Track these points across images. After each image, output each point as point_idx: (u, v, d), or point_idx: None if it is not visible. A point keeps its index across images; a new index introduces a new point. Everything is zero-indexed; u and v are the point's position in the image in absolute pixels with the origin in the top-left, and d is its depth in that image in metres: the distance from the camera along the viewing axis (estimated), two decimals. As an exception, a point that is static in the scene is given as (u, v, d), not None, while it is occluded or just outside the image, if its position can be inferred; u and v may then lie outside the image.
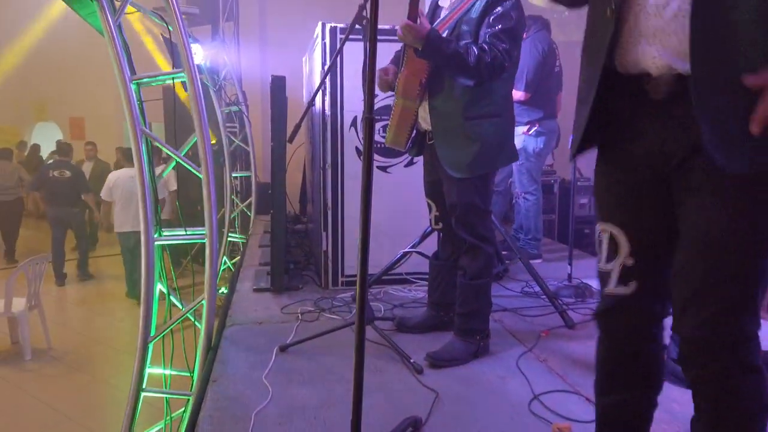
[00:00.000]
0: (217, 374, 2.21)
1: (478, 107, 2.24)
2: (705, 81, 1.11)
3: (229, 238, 6.02)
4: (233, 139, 6.06)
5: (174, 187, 6.23)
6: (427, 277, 2.86)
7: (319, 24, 3.26)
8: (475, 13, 2.17)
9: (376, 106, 3.25)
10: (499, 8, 2.14)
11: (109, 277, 7.50)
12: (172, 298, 2.72)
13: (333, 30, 3.17)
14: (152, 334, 2.56)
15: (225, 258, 6.03)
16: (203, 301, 2.60)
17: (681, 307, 1.20)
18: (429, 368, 2.25)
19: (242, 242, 5.99)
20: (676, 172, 1.20)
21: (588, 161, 1.48)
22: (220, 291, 5.82)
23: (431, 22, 2.39)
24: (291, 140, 2.51)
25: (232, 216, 6.08)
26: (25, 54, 10.52)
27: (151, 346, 2.57)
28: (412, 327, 2.66)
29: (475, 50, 2.08)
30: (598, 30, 1.28)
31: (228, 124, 6.13)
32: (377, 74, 2.41)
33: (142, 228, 2.55)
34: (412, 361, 2.26)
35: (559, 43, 4.09)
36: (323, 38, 3.21)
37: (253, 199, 6.13)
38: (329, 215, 3.31)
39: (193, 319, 2.72)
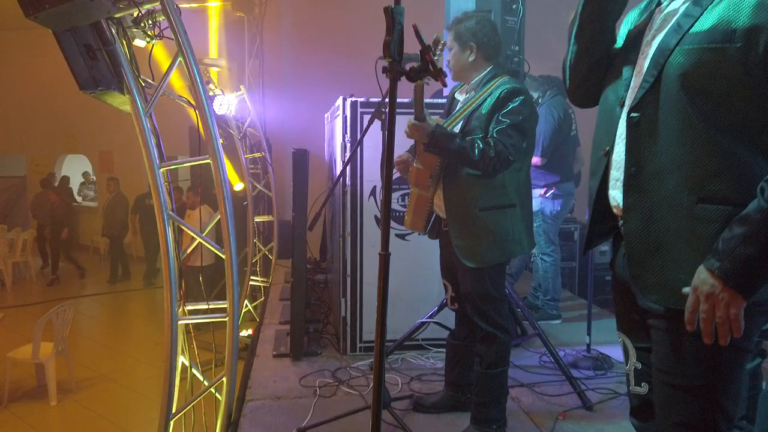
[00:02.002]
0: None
1: (490, 198, 2.28)
2: (633, 236, 1.27)
3: (251, 282, 6.12)
4: (256, 184, 6.18)
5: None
6: (443, 342, 2.90)
7: (340, 99, 3.35)
8: (485, 109, 2.23)
9: (396, 175, 3.32)
10: (508, 105, 2.20)
11: (136, 314, 7.65)
12: (194, 371, 2.79)
13: (353, 104, 3.26)
14: (173, 411, 2.62)
15: (247, 301, 6.13)
16: (224, 378, 2.65)
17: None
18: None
19: (264, 286, 6.10)
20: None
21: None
22: (242, 333, 5.92)
23: (448, 113, 2.47)
24: (311, 228, 2.59)
25: (254, 260, 6.17)
26: (58, 86, 10.90)
27: (172, 422, 2.62)
28: (429, 407, 2.67)
29: (480, 145, 2.14)
30: (595, 166, 1.42)
31: (250, 166, 6.27)
32: (395, 162, 2.48)
33: (165, 307, 2.63)
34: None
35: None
36: (344, 111, 3.30)
37: (275, 243, 6.23)
38: (348, 282, 3.36)
39: (214, 391, 2.78)
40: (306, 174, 3.26)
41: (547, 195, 3.89)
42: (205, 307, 2.80)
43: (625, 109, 1.31)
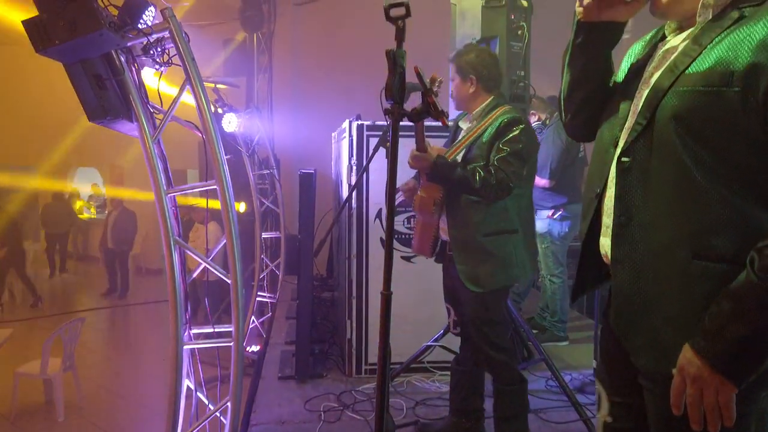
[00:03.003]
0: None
1: (493, 224, 2.33)
2: (622, 292, 1.20)
3: (258, 298, 6.14)
4: (263, 200, 6.21)
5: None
6: (448, 365, 2.88)
7: (347, 121, 3.38)
8: (486, 138, 2.29)
9: (401, 198, 3.34)
10: (508, 134, 2.25)
11: (144, 328, 7.68)
12: (199, 394, 2.79)
13: (360, 127, 3.28)
14: (178, 436, 2.62)
15: (253, 317, 6.14)
16: (228, 404, 2.65)
17: None
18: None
19: (271, 302, 6.12)
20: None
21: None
22: (249, 349, 5.93)
23: (452, 141, 2.51)
24: (317, 254, 2.60)
25: (261, 276, 6.19)
26: (69, 100, 11.05)
27: (177, 447, 2.62)
28: (434, 434, 2.67)
29: (482, 173, 2.19)
30: (586, 208, 1.35)
31: (258, 181, 6.31)
32: (402, 189, 2.52)
33: (171, 331, 2.64)
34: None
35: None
36: (350, 134, 3.32)
37: (281, 259, 6.25)
38: (354, 304, 3.37)
39: (218, 415, 2.78)
40: (312, 197, 3.28)
41: (555, 216, 3.89)
42: (210, 330, 2.81)
43: (618, 152, 1.22)
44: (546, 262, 3.98)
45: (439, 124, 1.87)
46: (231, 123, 5.63)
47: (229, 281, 2.64)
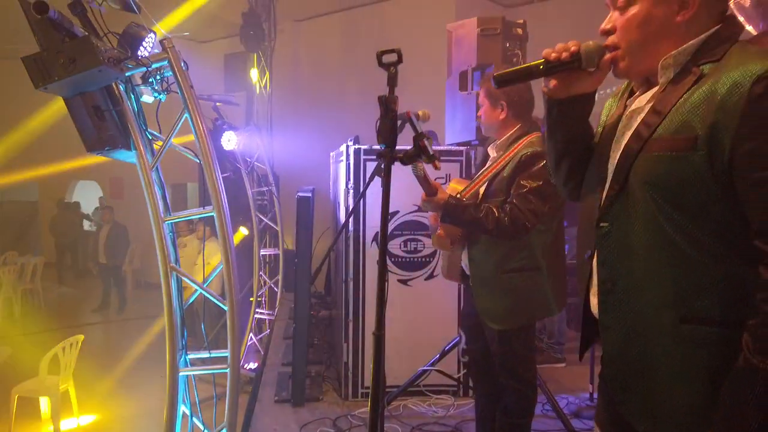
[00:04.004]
0: None
1: (514, 260, 2.26)
2: (614, 358, 1.21)
3: (256, 315, 6.14)
4: (262, 217, 6.23)
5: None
6: (444, 389, 2.90)
7: (344, 145, 3.41)
8: (506, 172, 2.24)
9: (399, 221, 3.36)
10: (529, 169, 2.19)
11: (143, 343, 7.66)
12: (195, 420, 2.80)
13: (357, 152, 3.31)
14: (174, 463, 2.62)
15: (251, 335, 6.14)
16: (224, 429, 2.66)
17: None
18: None
19: (269, 319, 6.12)
20: None
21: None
22: (246, 367, 5.92)
23: (482, 166, 2.46)
24: (313, 281, 2.62)
25: (260, 293, 6.19)
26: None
27: (172, 475, 2.62)
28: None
29: (495, 213, 2.14)
30: (582, 269, 1.35)
31: (257, 198, 6.33)
32: (429, 219, 2.49)
33: (167, 358, 2.65)
34: None
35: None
36: (347, 158, 3.35)
37: (280, 276, 6.26)
38: (350, 327, 3.38)
39: (214, 440, 2.78)
40: (310, 221, 3.30)
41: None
42: (207, 355, 2.82)
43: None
44: (543, 283, 3.99)
45: (449, 147, 1.86)
46: (230, 141, 5.66)
47: (225, 307, 2.66)
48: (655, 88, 1.19)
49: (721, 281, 1.06)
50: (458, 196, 2.29)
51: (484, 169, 2.38)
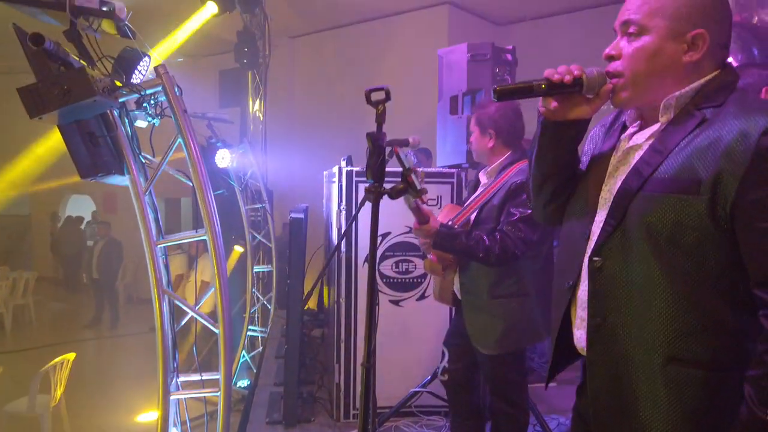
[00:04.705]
0: None
1: (504, 286, 2.30)
2: (599, 394, 1.21)
3: (248, 332, 6.14)
4: (255, 234, 6.25)
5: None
6: (436, 410, 2.90)
7: (337, 167, 3.44)
8: (496, 200, 2.28)
9: (391, 242, 3.39)
10: (518, 197, 2.23)
11: (135, 359, 7.62)
12: (186, 443, 2.80)
13: (349, 174, 3.34)
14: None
15: (244, 352, 6.13)
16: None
17: None
18: None
19: (262, 336, 6.12)
20: None
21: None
22: (238, 385, 5.91)
23: (473, 192, 2.51)
24: (305, 305, 2.64)
25: (253, 310, 6.20)
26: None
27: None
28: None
29: (486, 242, 2.17)
30: (558, 297, 1.35)
31: (251, 214, 6.35)
32: (421, 244, 2.49)
33: (159, 381, 2.66)
34: None
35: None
36: (340, 180, 3.38)
37: (273, 293, 6.27)
38: (342, 348, 3.39)
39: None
40: (302, 242, 3.32)
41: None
42: (198, 378, 2.82)
43: (590, 251, 1.22)
44: (533, 303, 4.02)
45: (441, 170, 1.87)
46: (224, 159, 5.70)
47: (216, 331, 2.67)
48: (655, 127, 1.20)
49: (712, 324, 1.07)
50: (450, 223, 2.33)
51: (475, 195, 2.43)
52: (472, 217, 2.35)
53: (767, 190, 1.02)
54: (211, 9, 5.74)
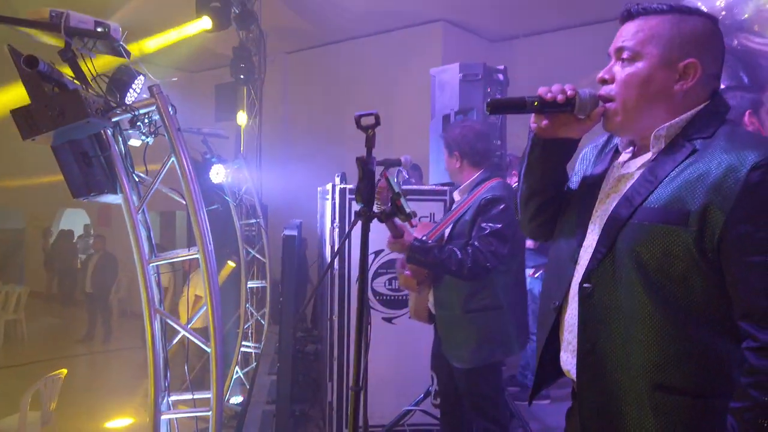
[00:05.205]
0: None
1: (477, 300, 2.36)
2: (590, 419, 1.22)
3: (242, 348, 6.10)
4: (250, 250, 6.24)
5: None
6: (429, 428, 2.89)
7: (330, 184, 3.46)
8: (468, 216, 2.37)
9: (384, 260, 3.40)
10: (488, 212, 2.32)
11: (124, 374, 7.56)
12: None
13: (342, 191, 3.36)
14: None
15: (237, 368, 6.09)
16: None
17: None
18: None
19: (255, 352, 6.08)
20: None
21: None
22: (233, 401, 5.86)
23: (448, 210, 2.59)
24: (297, 321, 2.62)
25: (246, 326, 6.16)
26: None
27: None
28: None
29: (458, 255, 2.24)
30: (543, 318, 1.36)
31: (245, 228, 6.34)
32: (398, 265, 2.55)
33: (149, 400, 2.64)
34: None
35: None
36: (333, 197, 3.39)
37: (267, 309, 6.24)
38: (335, 366, 3.38)
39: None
40: (294, 259, 3.32)
41: (536, 276, 3.96)
42: (190, 397, 2.80)
43: (578, 275, 1.23)
44: (527, 320, 4.02)
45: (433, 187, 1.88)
46: (219, 174, 5.70)
47: (208, 350, 2.66)
48: (646, 156, 1.22)
49: (700, 353, 1.09)
50: (424, 238, 2.37)
51: (450, 211, 2.53)
52: (447, 232, 2.42)
53: (754, 224, 1.03)
54: (205, 23, 5.76)
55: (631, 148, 1.29)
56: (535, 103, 1.23)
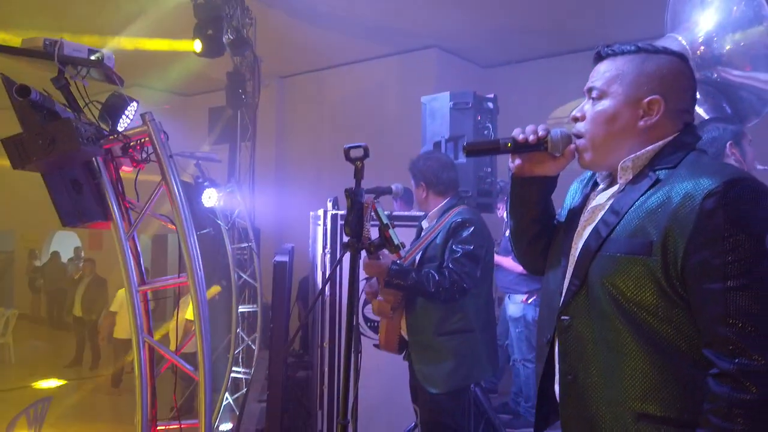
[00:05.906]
0: None
1: (449, 323, 2.39)
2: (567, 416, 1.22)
3: (232, 374, 6.03)
4: (241, 274, 6.21)
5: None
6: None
7: (322, 210, 3.47)
8: (439, 240, 2.41)
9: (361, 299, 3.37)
10: (459, 235, 2.36)
11: (112, 399, 7.44)
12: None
13: (333, 217, 3.36)
14: None
15: (227, 394, 6.01)
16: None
17: None
18: None
19: (245, 378, 6.02)
20: None
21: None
22: (220, 429, 5.77)
23: (417, 238, 2.62)
24: (288, 348, 2.61)
25: (237, 351, 6.11)
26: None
27: None
28: None
29: (436, 277, 2.26)
30: (539, 351, 1.37)
31: (237, 252, 6.32)
32: (365, 291, 2.57)
33: (137, 429, 2.60)
34: None
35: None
36: (325, 223, 3.40)
37: (258, 333, 6.20)
38: (325, 394, 3.35)
39: None
40: (285, 287, 3.30)
41: (529, 301, 3.97)
42: (177, 426, 2.76)
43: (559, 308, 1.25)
44: (519, 346, 4.01)
45: (412, 213, 1.92)
46: (211, 198, 5.70)
47: (196, 378, 2.63)
48: (615, 187, 1.25)
49: (677, 381, 1.09)
50: (397, 262, 2.39)
51: (420, 237, 2.57)
52: (417, 257, 2.45)
53: (711, 251, 1.04)
54: (195, 45, 5.81)
55: (608, 180, 1.33)
56: (509, 145, 1.28)
